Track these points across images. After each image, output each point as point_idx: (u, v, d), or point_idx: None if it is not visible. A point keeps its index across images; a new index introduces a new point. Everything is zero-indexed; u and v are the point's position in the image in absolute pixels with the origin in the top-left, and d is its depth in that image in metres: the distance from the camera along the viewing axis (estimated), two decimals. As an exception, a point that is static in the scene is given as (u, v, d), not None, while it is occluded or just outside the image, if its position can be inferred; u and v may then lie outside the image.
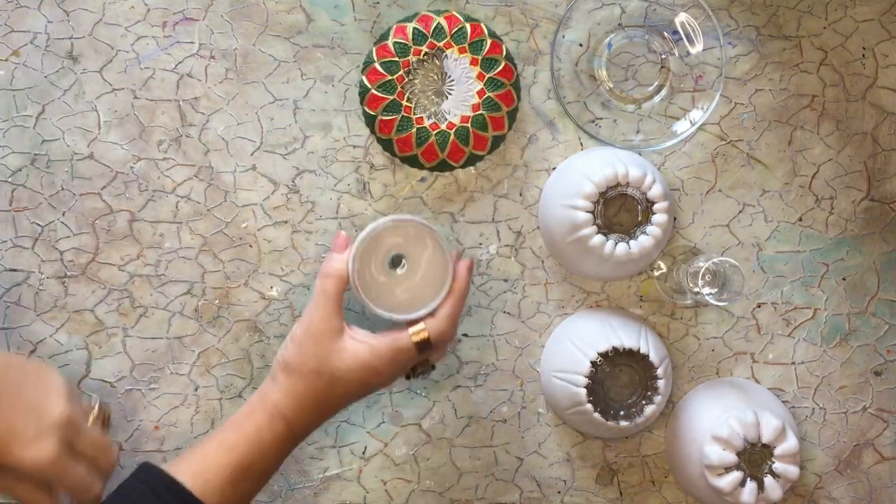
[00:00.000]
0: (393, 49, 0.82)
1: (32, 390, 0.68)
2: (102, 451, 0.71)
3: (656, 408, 0.81)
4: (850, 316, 0.87)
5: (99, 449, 0.70)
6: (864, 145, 0.86)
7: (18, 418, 0.66)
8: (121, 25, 0.83)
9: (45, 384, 0.69)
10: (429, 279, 0.77)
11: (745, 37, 0.86)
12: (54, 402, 0.67)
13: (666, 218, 0.79)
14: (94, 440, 0.70)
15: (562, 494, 0.86)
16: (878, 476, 0.87)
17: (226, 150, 0.84)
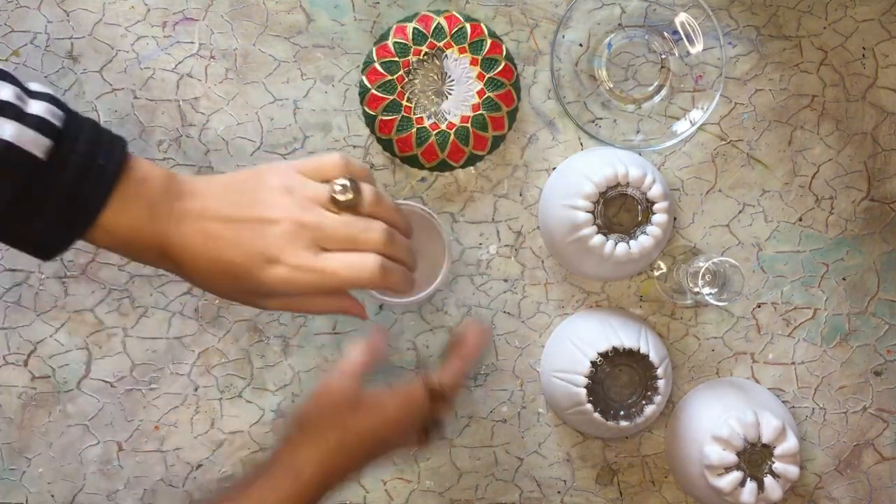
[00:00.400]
0: (393, 49, 0.82)
1: (253, 204, 0.64)
2: (361, 231, 0.64)
3: (656, 408, 0.81)
4: (850, 316, 0.87)
5: (354, 231, 0.64)
6: (864, 145, 0.86)
7: (248, 242, 0.62)
8: (121, 25, 0.83)
9: (263, 193, 0.64)
10: (428, 264, 0.78)
11: (745, 37, 0.86)
12: (278, 208, 0.63)
13: (666, 218, 0.79)
14: (343, 225, 0.64)
15: (562, 494, 0.86)
16: (878, 476, 0.87)
17: (226, 150, 0.84)
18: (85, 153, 0.60)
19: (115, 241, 0.62)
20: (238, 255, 0.62)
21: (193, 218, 0.63)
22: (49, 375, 0.84)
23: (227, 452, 0.85)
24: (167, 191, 0.63)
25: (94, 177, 0.60)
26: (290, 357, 0.85)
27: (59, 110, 0.60)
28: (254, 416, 0.85)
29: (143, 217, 0.62)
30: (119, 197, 0.61)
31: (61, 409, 0.84)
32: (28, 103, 0.59)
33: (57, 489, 0.84)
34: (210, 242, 0.63)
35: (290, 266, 0.62)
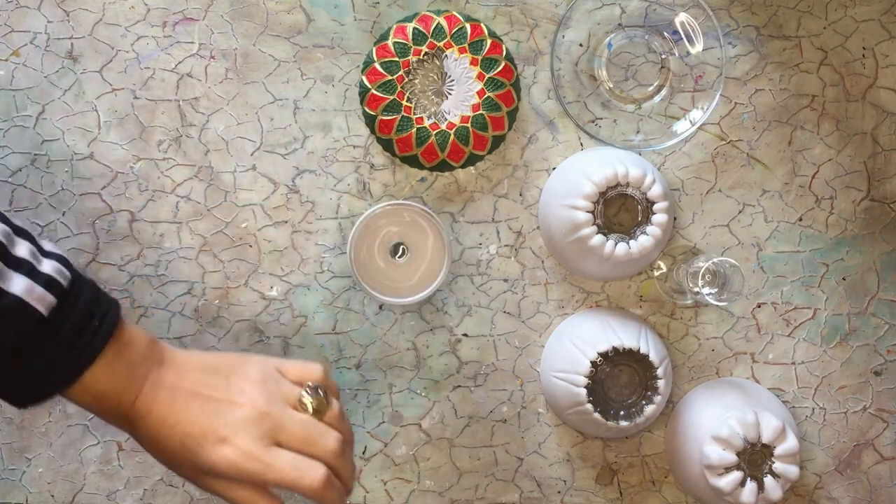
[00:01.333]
0: (393, 49, 0.82)
1: (224, 387, 0.67)
2: (319, 435, 0.66)
3: (656, 408, 0.80)
4: (850, 316, 0.87)
5: (313, 433, 0.66)
6: (864, 145, 0.86)
7: (208, 418, 0.65)
8: (121, 25, 0.83)
9: (238, 378, 0.67)
10: (428, 264, 0.80)
11: (745, 37, 0.86)
12: (246, 395, 0.66)
13: (666, 218, 0.79)
14: (303, 424, 0.66)
15: (562, 494, 0.86)
16: (878, 476, 0.87)
17: (226, 150, 0.84)
18: (83, 314, 0.63)
19: (88, 398, 0.65)
20: (194, 428, 0.65)
21: (166, 387, 0.67)
22: (49, 375, 0.83)
23: (227, 452, 0.85)
24: (149, 357, 0.67)
25: (87, 338, 0.63)
26: (290, 357, 0.85)
27: (66, 271, 0.64)
28: (254, 416, 0.85)
29: (121, 380, 0.66)
30: (104, 358, 0.65)
31: (61, 409, 0.84)
32: (41, 261, 0.63)
33: (57, 489, 0.84)
34: (173, 412, 0.66)
35: (240, 450, 0.64)
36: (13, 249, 0.63)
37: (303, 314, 0.85)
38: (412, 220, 0.81)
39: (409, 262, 0.81)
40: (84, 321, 0.63)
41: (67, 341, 0.63)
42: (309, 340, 0.85)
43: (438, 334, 0.85)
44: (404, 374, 0.85)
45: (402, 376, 0.85)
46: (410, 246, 0.81)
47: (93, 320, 0.64)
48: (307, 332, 0.85)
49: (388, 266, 0.81)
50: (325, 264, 0.85)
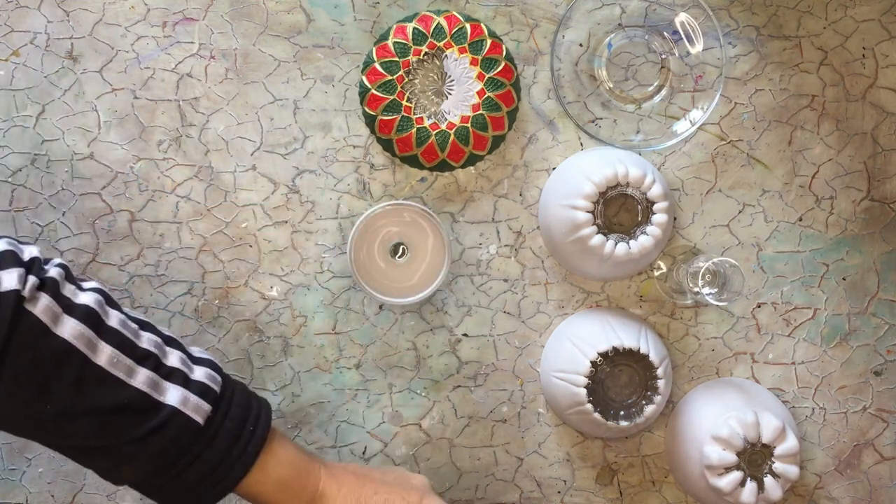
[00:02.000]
0: (393, 49, 0.82)
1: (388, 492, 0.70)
2: None
3: (656, 408, 0.81)
4: (850, 316, 0.87)
5: None
6: (864, 145, 0.86)
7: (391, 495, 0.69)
8: (121, 25, 0.83)
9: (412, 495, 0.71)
10: (428, 264, 0.81)
11: (745, 37, 0.86)
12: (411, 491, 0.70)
13: (666, 218, 0.79)
14: None
15: (562, 494, 0.86)
16: (878, 476, 0.87)
17: (226, 150, 0.84)
18: (238, 418, 0.66)
19: (272, 481, 0.67)
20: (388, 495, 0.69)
21: (342, 469, 0.70)
22: (49, 375, 0.83)
23: (227, 452, 0.85)
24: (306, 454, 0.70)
25: (243, 443, 0.66)
26: (290, 357, 0.85)
27: (218, 376, 0.66)
28: (254, 416, 0.85)
29: (301, 456, 0.69)
30: (274, 443, 0.67)
31: (61, 409, 0.84)
32: (193, 370, 0.65)
33: (57, 489, 0.84)
34: (362, 487, 0.69)
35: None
36: (166, 360, 0.65)
37: (303, 314, 0.85)
38: (412, 220, 0.81)
39: (409, 262, 0.81)
40: (239, 426, 0.66)
41: (225, 449, 0.65)
42: (309, 340, 0.85)
43: (438, 334, 0.85)
44: (404, 374, 0.85)
45: (402, 376, 0.85)
46: (410, 246, 0.81)
47: (247, 424, 0.66)
48: (307, 332, 0.85)
49: (388, 266, 0.81)
50: (325, 264, 0.85)
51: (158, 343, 0.65)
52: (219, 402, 0.65)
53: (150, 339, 0.65)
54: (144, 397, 0.63)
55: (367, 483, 0.70)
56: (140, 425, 0.63)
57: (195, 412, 0.64)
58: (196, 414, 0.64)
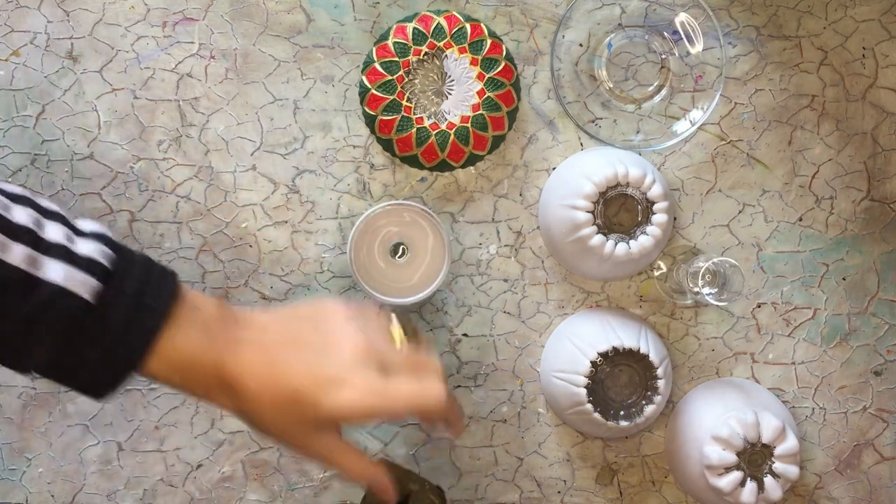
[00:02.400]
0: (393, 49, 0.82)
1: (314, 329, 0.63)
2: (422, 357, 0.64)
3: (656, 408, 0.80)
4: (850, 316, 0.87)
5: (416, 357, 0.64)
6: (864, 145, 0.86)
7: (315, 364, 0.61)
8: (121, 25, 0.83)
9: (325, 321, 0.63)
10: (428, 264, 0.81)
11: (745, 37, 0.86)
12: (343, 333, 0.63)
13: (666, 218, 0.79)
14: (404, 351, 0.65)
15: (562, 494, 0.86)
16: (878, 476, 0.87)
17: (226, 150, 0.84)
18: (133, 293, 0.60)
19: (171, 369, 0.61)
20: (304, 379, 0.61)
21: (254, 344, 0.62)
22: (49, 375, 0.84)
23: (227, 452, 0.85)
24: (222, 318, 0.63)
25: (140, 318, 0.60)
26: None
27: (109, 250, 0.60)
28: (254, 416, 0.85)
29: (199, 343, 0.61)
30: (172, 326, 0.61)
31: (61, 409, 0.84)
32: (77, 243, 0.59)
33: (57, 489, 0.84)
34: (273, 366, 0.61)
35: (360, 389, 0.61)
36: (44, 234, 0.59)
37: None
38: (412, 220, 0.81)
39: (409, 262, 0.81)
40: (135, 301, 0.60)
41: (121, 325, 0.59)
42: (309, 340, 0.85)
43: (438, 334, 0.85)
44: (404, 374, 0.85)
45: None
46: (410, 246, 0.81)
47: (144, 298, 0.60)
48: (307, 332, 0.85)
49: (388, 266, 0.81)
50: (325, 264, 0.85)
51: (36, 218, 0.59)
52: (109, 276, 0.59)
53: (27, 213, 0.59)
54: (21, 275, 0.57)
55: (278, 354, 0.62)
56: (20, 306, 0.57)
57: (81, 288, 0.58)
58: (82, 290, 0.58)
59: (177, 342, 0.61)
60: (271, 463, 0.85)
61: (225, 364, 0.61)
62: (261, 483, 0.85)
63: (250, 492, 0.85)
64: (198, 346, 0.61)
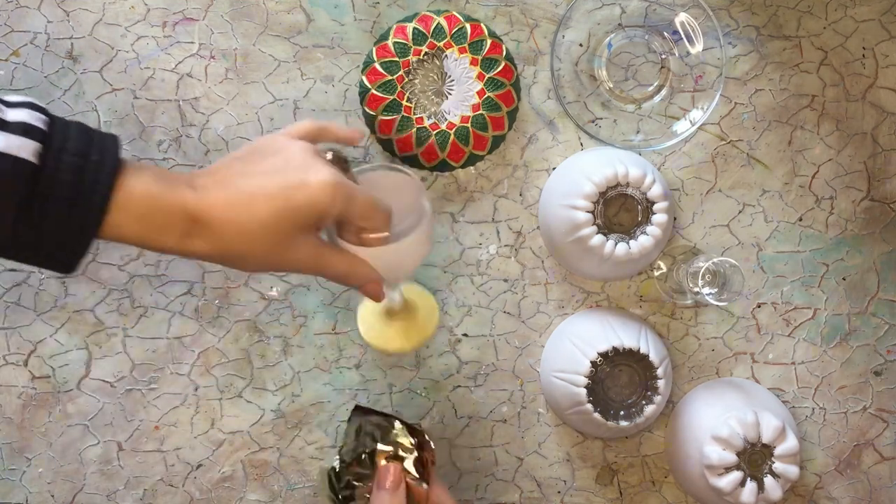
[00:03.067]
0: (393, 49, 0.82)
1: (264, 154, 0.64)
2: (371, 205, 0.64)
3: (656, 408, 0.81)
4: (850, 316, 0.87)
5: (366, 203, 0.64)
6: (864, 145, 0.86)
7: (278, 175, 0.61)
8: (121, 25, 0.83)
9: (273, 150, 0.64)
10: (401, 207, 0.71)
11: (745, 37, 0.86)
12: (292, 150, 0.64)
13: (666, 218, 0.79)
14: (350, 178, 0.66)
15: (562, 494, 0.86)
16: (878, 476, 0.87)
17: (226, 150, 0.84)
18: (77, 151, 0.58)
19: (134, 219, 0.59)
20: (273, 188, 0.61)
21: (211, 179, 0.62)
22: (49, 375, 0.84)
23: (227, 452, 0.85)
24: (169, 173, 0.62)
25: (93, 168, 0.58)
26: (290, 357, 0.85)
27: (41, 115, 0.58)
28: (254, 416, 0.85)
29: (158, 187, 0.60)
30: (126, 175, 0.59)
31: (61, 409, 0.84)
32: (6, 112, 0.58)
33: (57, 489, 0.84)
34: (240, 191, 0.61)
35: (328, 171, 0.62)
36: None
37: (303, 314, 0.85)
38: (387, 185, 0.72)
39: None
40: (80, 157, 0.58)
41: (73, 180, 0.57)
42: (309, 340, 0.85)
43: (438, 334, 0.85)
44: (404, 374, 0.85)
45: (402, 376, 0.85)
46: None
47: (89, 154, 0.58)
48: (307, 332, 0.85)
49: None
50: (325, 264, 0.85)
51: None
52: (48, 138, 0.58)
53: None
54: None
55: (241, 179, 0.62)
56: None
57: (23, 151, 0.56)
58: (24, 153, 0.56)
59: (135, 190, 0.59)
60: (271, 463, 0.85)
61: (187, 202, 0.60)
62: (261, 483, 0.85)
63: (250, 492, 0.85)
64: (157, 189, 0.60)
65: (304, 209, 0.61)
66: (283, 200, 0.61)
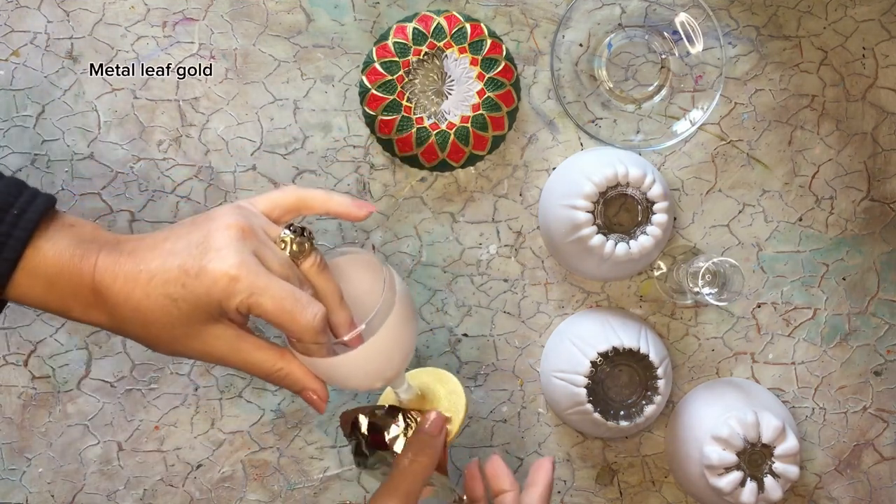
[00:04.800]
0: (393, 49, 0.82)
1: (191, 226, 0.59)
2: (301, 282, 0.58)
3: (656, 408, 0.81)
4: (850, 316, 0.87)
5: (293, 276, 0.58)
6: (864, 145, 0.86)
7: (185, 254, 0.56)
8: (121, 25, 0.83)
9: (204, 219, 0.59)
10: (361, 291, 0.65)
11: (745, 37, 0.86)
12: (221, 220, 0.58)
13: (666, 218, 0.79)
14: (287, 263, 0.59)
15: (562, 494, 0.86)
16: (878, 476, 0.87)
17: (226, 150, 0.84)
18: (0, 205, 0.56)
19: (41, 284, 0.57)
20: (172, 271, 0.57)
21: (126, 250, 0.59)
22: (49, 375, 0.84)
23: (227, 452, 0.85)
24: (97, 235, 0.60)
25: (8, 223, 0.56)
26: (290, 357, 0.85)
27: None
28: (254, 416, 0.85)
29: (70, 253, 0.58)
30: (42, 237, 0.57)
31: (61, 409, 0.84)
32: None
33: (57, 489, 0.84)
34: (143, 263, 0.58)
35: (234, 259, 0.56)
36: None
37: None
38: (357, 269, 0.65)
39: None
40: (2, 211, 0.56)
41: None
42: (309, 340, 0.85)
43: (438, 334, 0.85)
44: (404, 374, 0.85)
45: (402, 376, 0.85)
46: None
47: (12, 209, 0.57)
48: (307, 332, 0.85)
49: None
50: (325, 264, 0.84)
51: None
52: None
53: None
54: None
55: (149, 251, 0.58)
56: None
57: None
58: None
59: (48, 254, 0.57)
60: (271, 463, 0.85)
61: (93, 272, 0.57)
62: (261, 483, 0.85)
63: (250, 492, 0.85)
64: (69, 255, 0.58)
65: (203, 298, 0.56)
66: (179, 287, 0.57)
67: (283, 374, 0.61)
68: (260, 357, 0.60)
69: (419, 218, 0.85)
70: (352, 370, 0.58)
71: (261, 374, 0.61)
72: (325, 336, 0.59)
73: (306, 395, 0.63)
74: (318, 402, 0.63)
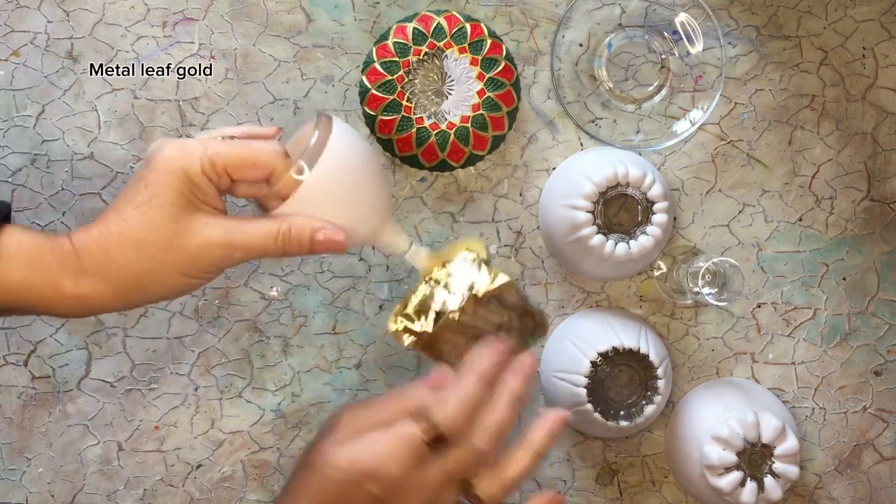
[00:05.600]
0: (393, 49, 0.82)
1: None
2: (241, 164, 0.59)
3: (656, 408, 0.81)
4: (850, 316, 0.87)
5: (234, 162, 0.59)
6: (864, 145, 0.86)
7: (132, 180, 0.59)
8: (121, 25, 0.83)
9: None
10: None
11: (745, 37, 0.86)
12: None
13: (666, 218, 0.79)
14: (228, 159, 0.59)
15: (562, 494, 0.86)
16: (878, 476, 0.87)
17: (226, 150, 0.84)
18: None
19: (23, 259, 0.57)
20: (130, 186, 0.60)
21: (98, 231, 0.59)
22: (49, 375, 0.84)
23: (227, 452, 0.85)
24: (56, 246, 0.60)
25: None
26: (290, 357, 0.85)
27: None
28: (254, 416, 0.85)
29: (40, 236, 0.58)
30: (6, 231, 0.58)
31: (61, 409, 0.84)
32: None
33: (57, 489, 0.84)
34: (107, 210, 0.60)
35: (176, 142, 0.60)
36: None
37: (303, 314, 0.85)
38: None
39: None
40: None
41: None
42: (309, 340, 0.85)
43: (438, 334, 0.85)
44: (404, 375, 0.85)
45: (402, 376, 0.85)
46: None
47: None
48: (307, 332, 0.85)
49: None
50: (324, 264, 0.85)
51: None
52: None
53: None
54: None
55: (108, 212, 0.59)
56: None
57: None
58: None
59: (21, 236, 0.58)
60: (271, 463, 0.85)
61: (72, 238, 0.59)
62: (261, 483, 0.85)
63: (250, 492, 0.85)
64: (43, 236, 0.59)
65: (170, 180, 0.58)
66: (143, 188, 0.58)
67: (288, 231, 0.59)
68: (258, 226, 0.59)
69: (419, 218, 0.85)
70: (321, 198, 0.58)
71: (268, 241, 0.59)
72: (290, 160, 0.59)
73: (321, 237, 0.59)
74: (336, 238, 0.59)
